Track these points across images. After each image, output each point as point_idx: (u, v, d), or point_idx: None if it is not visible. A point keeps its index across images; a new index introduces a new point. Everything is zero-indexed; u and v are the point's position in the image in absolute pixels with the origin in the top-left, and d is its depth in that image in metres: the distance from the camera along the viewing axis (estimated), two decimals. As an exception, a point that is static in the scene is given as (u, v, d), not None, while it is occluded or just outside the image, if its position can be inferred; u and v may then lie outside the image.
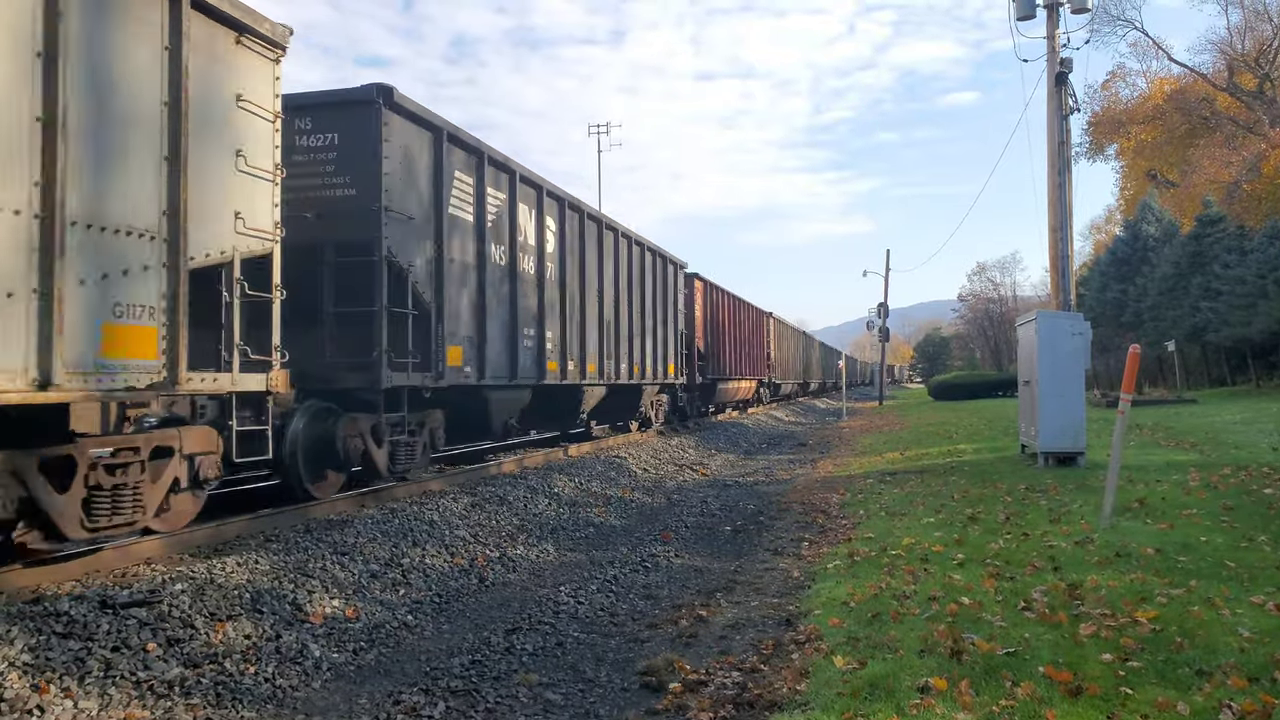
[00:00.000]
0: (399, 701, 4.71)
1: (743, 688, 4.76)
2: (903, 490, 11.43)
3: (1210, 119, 43.53)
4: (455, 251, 10.06)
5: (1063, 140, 17.41)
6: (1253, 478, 10.28)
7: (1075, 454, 12.48)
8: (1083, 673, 4.31)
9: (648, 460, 15.14)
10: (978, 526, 8.44)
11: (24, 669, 4.30)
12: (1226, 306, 33.08)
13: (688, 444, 18.58)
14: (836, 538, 8.70)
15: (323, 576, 6.42)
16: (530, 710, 4.70)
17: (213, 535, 6.92)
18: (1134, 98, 49.47)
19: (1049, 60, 17.65)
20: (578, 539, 9.31)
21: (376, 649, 5.64)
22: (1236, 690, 4.02)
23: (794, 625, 5.84)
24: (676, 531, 9.70)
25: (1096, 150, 51.58)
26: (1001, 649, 4.70)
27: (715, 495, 12.56)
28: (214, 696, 4.58)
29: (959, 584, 6.19)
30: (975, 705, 4.00)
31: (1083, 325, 12.79)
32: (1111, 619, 5.13)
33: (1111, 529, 7.77)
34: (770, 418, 30.03)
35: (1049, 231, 17.86)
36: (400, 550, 7.39)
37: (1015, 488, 10.73)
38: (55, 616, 4.79)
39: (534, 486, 10.64)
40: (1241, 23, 43.94)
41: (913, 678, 4.37)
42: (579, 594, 6.91)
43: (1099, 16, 42.53)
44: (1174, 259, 38.22)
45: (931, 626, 5.15)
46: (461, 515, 8.82)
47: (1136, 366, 8.23)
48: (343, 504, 8.46)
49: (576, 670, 5.33)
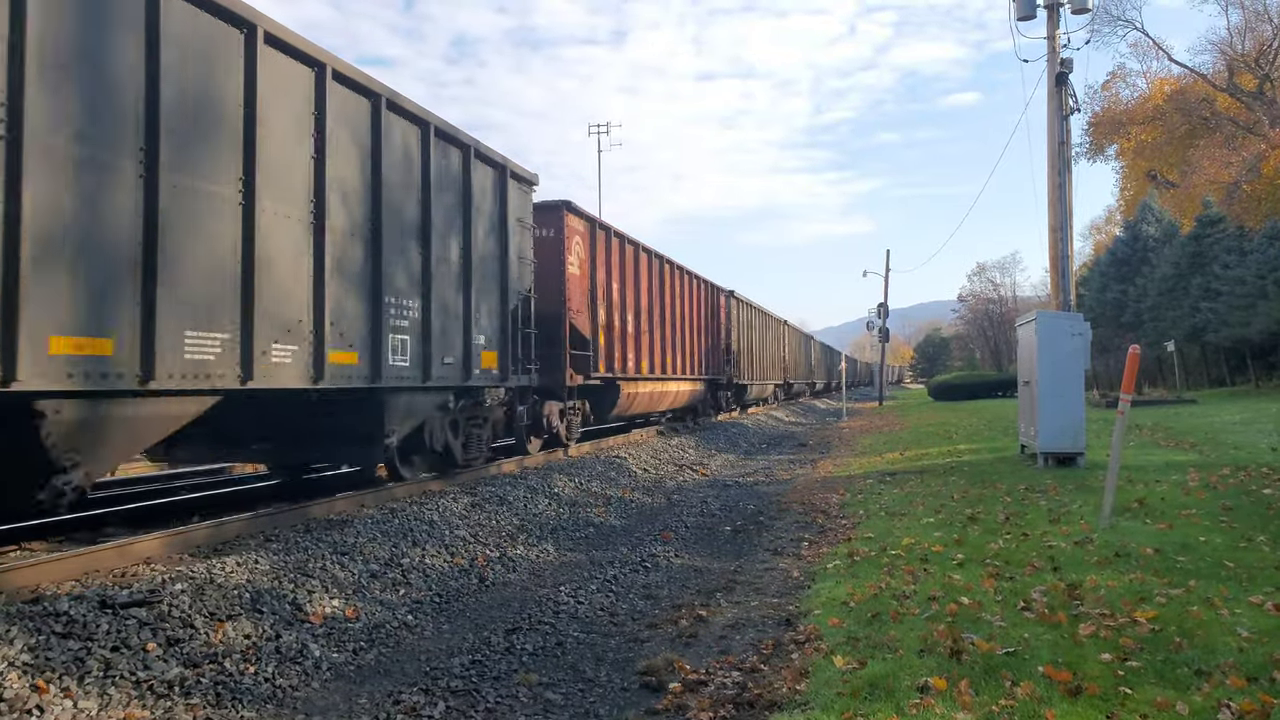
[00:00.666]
0: (399, 701, 4.72)
1: (742, 687, 4.76)
2: (902, 490, 11.43)
3: (1210, 119, 43.54)
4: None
5: (1063, 140, 17.42)
6: (1252, 478, 10.28)
7: (1075, 454, 12.49)
8: (1082, 672, 4.32)
9: (647, 460, 15.15)
10: (977, 526, 8.44)
11: (23, 668, 4.30)
12: (1226, 307, 33.10)
13: (687, 444, 18.58)
14: (836, 538, 8.70)
15: (322, 576, 6.42)
16: (530, 710, 4.70)
17: (212, 535, 6.92)
18: (1134, 98, 49.49)
19: (1049, 60, 17.66)
20: (578, 539, 9.31)
21: (376, 649, 5.64)
22: (1235, 690, 4.02)
23: (794, 625, 5.84)
24: (676, 531, 9.70)
25: (1096, 150, 51.58)
26: (1001, 649, 4.70)
27: (715, 495, 12.56)
28: (214, 696, 4.58)
29: (958, 584, 6.19)
30: (975, 705, 4.00)
31: (1082, 326, 12.79)
32: (1111, 619, 5.14)
33: (1111, 529, 7.77)
34: (770, 418, 30.04)
35: (1049, 232, 17.87)
36: (400, 550, 7.39)
37: (1015, 488, 10.73)
38: (55, 616, 4.80)
39: (534, 486, 10.64)
40: (1241, 23, 43.97)
41: (912, 677, 4.37)
42: (579, 594, 6.91)
43: (1099, 17, 42.56)
44: (1174, 259, 38.25)
45: (931, 626, 5.16)
46: (461, 515, 8.82)
47: (1136, 367, 8.23)
48: (342, 504, 8.47)
49: (576, 670, 5.33)
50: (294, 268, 7.23)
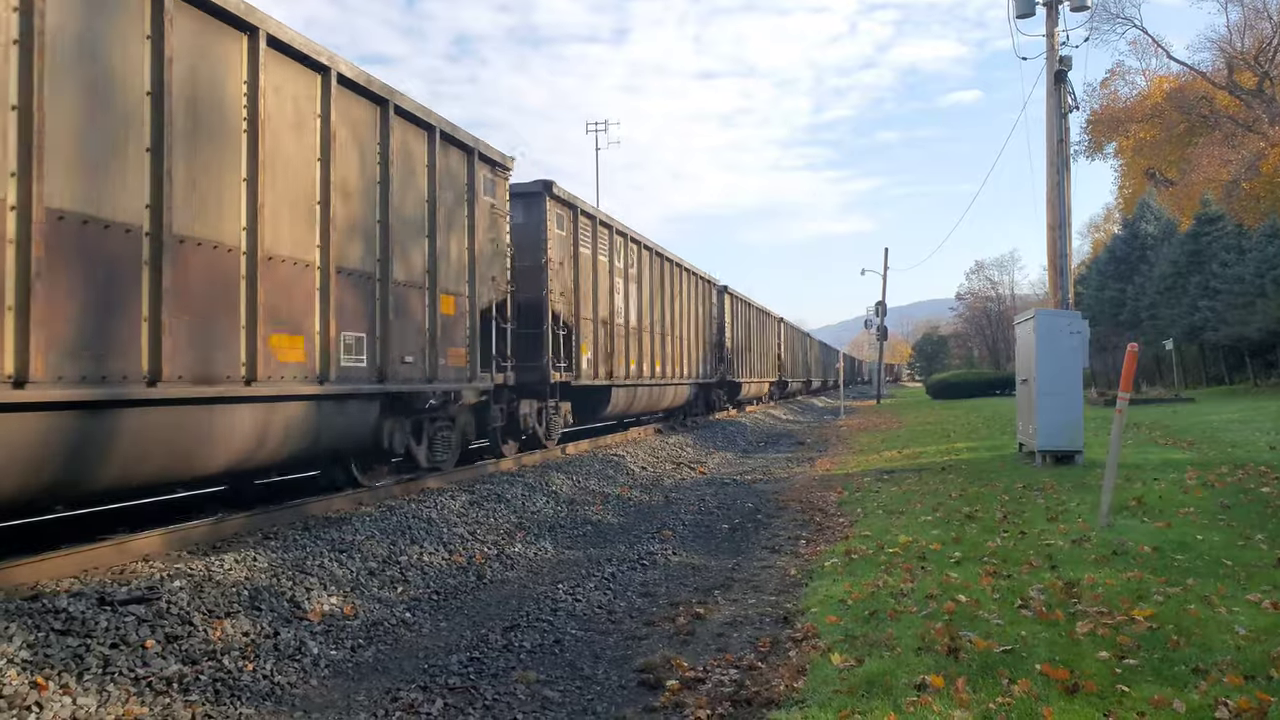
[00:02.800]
0: (397, 699, 4.72)
1: (740, 685, 4.77)
2: (900, 489, 11.44)
3: (1209, 117, 43.56)
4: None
5: (1061, 138, 17.43)
6: (1250, 476, 10.29)
7: (1073, 452, 12.50)
8: (1079, 670, 4.32)
9: (645, 458, 15.15)
10: (975, 525, 8.46)
11: (22, 665, 4.30)
12: (1224, 305, 33.11)
13: (685, 442, 18.58)
14: (834, 536, 8.71)
15: (321, 574, 6.42)
16: (528, 707, 4.71)
17: (211, 532, 6.92)
18: (1133, 96, 49.55)
19: (1048, 58, 17.66)
20: (576, 537, 9.31)
21: (374, 646, 5.64)
22: (1232, 688, 4.03)
23: (791, 623, 5.85)
24: (674, 529, 9.70)
25: (1095, 148, 51.65)
26: (998, 647, 4.71)
27: (713, 493, 12.56)
28: (212, 693, 4.59)
29: (956, 582, 6.20)
30: (972, 703, 4.01)
31: (1081, 324, 12.81)
32: (1108, 617, 5.14)
33: (1109, 527, 7.78)
34: (768, 416, 30.05)
35: (1047, 230, 17.88)
36: (398, 548, 7.40)
37: (1013, 486, 10.74)
38: (53, 613, 4.79)
39: (532, 484, 10.64)
40: (1241, 21, 44.01)
41: (910, 675, 4.38)
42: (577, 591, 6.91)
43: (1098, 14, 42.63)
44: (1172, 258, 38.25)
45: (929, 624, 5.16)
46: (459, 513, 8.82)
47: (1134, 365, 8.24)
48: (340, 502, 8.47)
49: (574, 667, 5.34)
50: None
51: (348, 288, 8.14)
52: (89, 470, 5.70)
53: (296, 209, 7.49)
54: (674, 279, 20.06)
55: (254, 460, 7.28)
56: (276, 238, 7.19)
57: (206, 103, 6.48)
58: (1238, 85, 43.11)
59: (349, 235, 8.20)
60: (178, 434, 6.32)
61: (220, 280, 6.63)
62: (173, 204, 6.08)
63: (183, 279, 6.21)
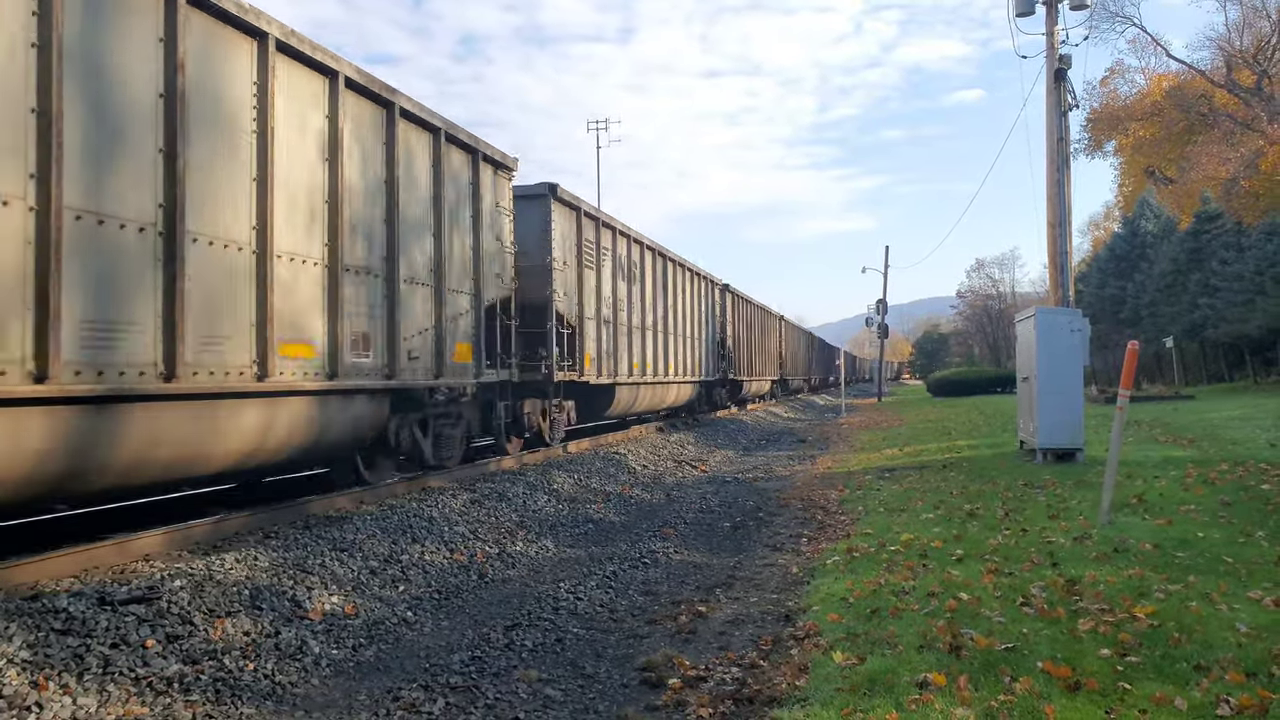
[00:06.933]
0: (398, 698, 4.71)
1: (742, 683, 4.76)
2: (901, 486, 11.44)
3: (1208, 115, 43.51)
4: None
5: (1061, 137, 17.43)
6: (1250, 474, 10.29)
7: (1073, 450, 12.50)
8: (1081, 668, 4.32)
9: (647, 457, 15.14)
10: (976, 522, 8.45)
11: (22, 665, 4.30)
12: (1224, 303, 33.12)
13: (687, 440, 18.58)
14: (835, 534, 8.71)
15: (322, 573, 6.42)
16: (530, 706, 4.70)
17: (211, 531, 6.92)
18: (1132, 94, 49.49)
19: (1048, 57, 17.66)
20: (577, 535, 9.31)
21: (376, 645, 5.64)
22: (1234, 685, 4.03)
23: (793, 621, 5.84)
24: (676, 527, 9.70)
25: (1095, 147, 51.61)
26: (1000, 644, 4.70)
27: (714, 491, 12.56)
28: (213, 693, 4.58)
29: (958, 580, 6.19)
30: (974, 700, 4.00)
31: (1081, 322, 12.80)
32: (1110, 614, 5.14)
33: (1110, 525, 7.77)
34: (769, 414, 30.05)
35: (1048, 228, 17.88)
36: (399, 547, 7.39)
37: (1014, 484, 10.74)
38: (54, 613, 4.79)
39: (533, 483, 10.64)
40: (1240, 19, 43.92)
41: (911, 673, 4.38)
42: (578, 590, 6.91)
43: (1098, 13, 42.56)
44: (1172, 255, 38.26)
45: (930, 622, 5.16)
46: (460, 512, 8.82)
47: (1135, 363, 8.24)
48: (341, 500, 8.47)
49: (576, 666, 5.33)
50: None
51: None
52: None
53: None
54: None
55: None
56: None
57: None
58: (1237, 83, 43.06)
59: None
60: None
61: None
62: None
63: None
